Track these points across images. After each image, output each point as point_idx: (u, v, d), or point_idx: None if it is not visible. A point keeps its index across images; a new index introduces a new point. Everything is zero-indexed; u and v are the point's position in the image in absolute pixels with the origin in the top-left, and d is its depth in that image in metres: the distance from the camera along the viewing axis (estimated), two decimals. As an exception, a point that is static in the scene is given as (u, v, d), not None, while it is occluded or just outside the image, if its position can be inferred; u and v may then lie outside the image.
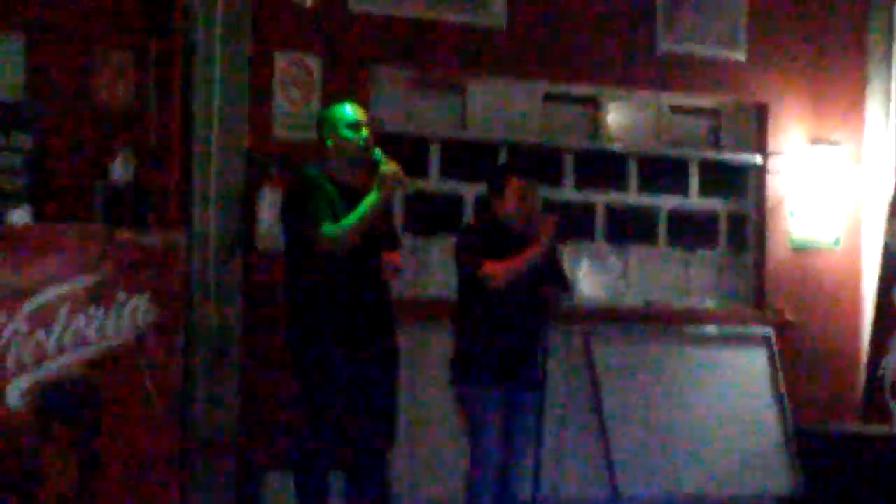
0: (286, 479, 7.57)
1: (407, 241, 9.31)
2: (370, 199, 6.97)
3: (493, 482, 7.38)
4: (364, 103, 8.43)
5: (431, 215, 9.58)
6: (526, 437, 7.50)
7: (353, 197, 7.00)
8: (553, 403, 8.03)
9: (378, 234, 7.10)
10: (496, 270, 7.27)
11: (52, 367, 7.29)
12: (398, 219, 9.25)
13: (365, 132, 7.16)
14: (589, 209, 10.09)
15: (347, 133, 7.13)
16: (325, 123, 7.22)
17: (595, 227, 10.12)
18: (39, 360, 7.26)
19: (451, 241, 8.20)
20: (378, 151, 7.15)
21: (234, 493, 8.68)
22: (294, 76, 9.02)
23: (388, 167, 7.03)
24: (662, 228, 10.32)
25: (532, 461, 7.55)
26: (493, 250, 7.34)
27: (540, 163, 9.75)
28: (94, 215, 8.18)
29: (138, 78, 8.60)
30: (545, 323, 7.55)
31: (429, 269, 9.53)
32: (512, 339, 7.39)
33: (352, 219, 6.93)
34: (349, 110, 7.22)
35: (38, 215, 8.04)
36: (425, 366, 8.98)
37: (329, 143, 7.15)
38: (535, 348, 7.51)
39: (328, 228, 6.90)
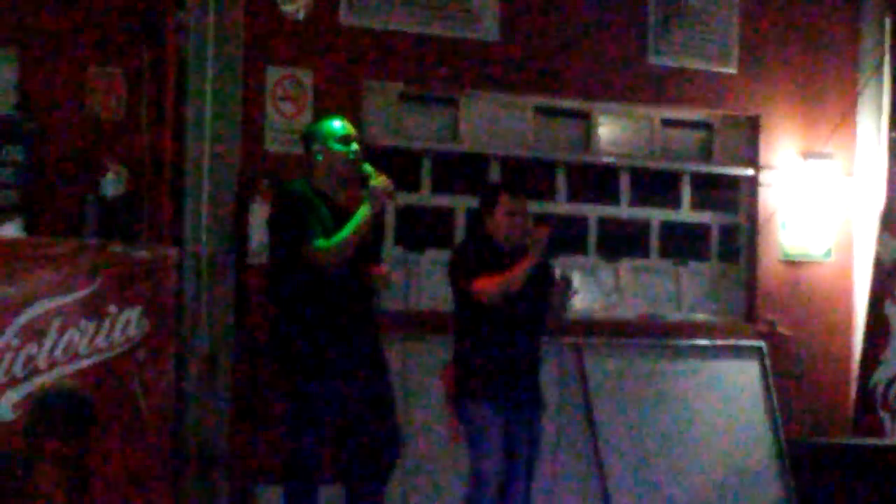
0: (277, 493, 7.55)
1: (398, 254, 9.33)
2: (362, 213, 6.96)
3: (493, 498, 7.39)
4: (356, 117, 8.48)
5: (423, 229, 9.59)
6: (525, 454, 7.51)
7: (340, 211, 6.98)
8: (545, 416, 8.02)
9: (366, 248, 7.10)
10: (489, 286, 7.29)
11: (44, 381, 7.30)
12: (389, 232, 9.28)
13: (355, 146, 7.15)
14: (581, 222, 10.11)
15: (337, 147, 7.10)
16: (314, 138, 7.18)
17: (587, 240, 10.13)
18: (31, 373, 7.29)
19: (443, 254, 8.21)
20: (368, 165, 7.15)
21: (225, 506, 8.70)
22: (286, 90, 9.04)
23: (379, 181, 7.03)
24: (654, 241, 10.34)
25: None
26: (486, 267, 7.36)
27: (532, 177, 9.77)
28: (85, 229, 8.18)
29: (130, 92, 8.62)
30: (543, 338, 7.59)
31: (420, 283, 9.53)
32: (511, 354, 7.40)
33: (345, 233, 6.92)
34: (339, 125, 7.17)
35: (30, 228, 8.06)
36: (416, 379, 8.97)
37: (318, 157, 7.11)
38: (534, 364, 7.52)
39: (321, 243, 6.88)
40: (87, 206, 8.27)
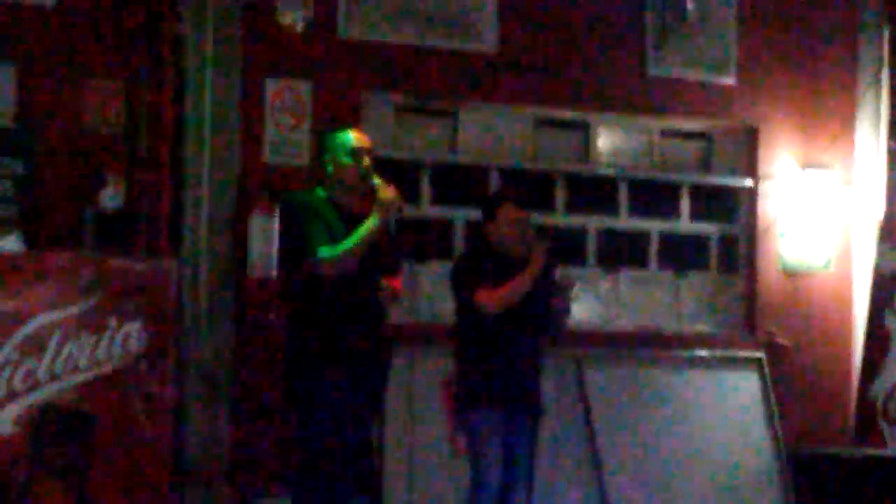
0: (278, 505, 7.55)
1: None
2: (368, 224, 6.94)
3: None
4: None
5: (423, 240, 9.59)
6: (526, 462, 7.51)
7: (352, 222, 6.96)
8: (545, 427, 8.02)
9: (378, 260, 7.08)
10: (490, 298, 7.31)
11: (44, 395, 7.29)
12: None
13: (366, 161, 7.12)
14: (580, 233, 10.11)
15: (347, 160, 7.08)
16: (326, 149, 7.18)
17: (586, 251, 10.13)
18: (31, 387, 7.26)
19: (443, 266, 8.21)
20: (377, 178, 7.13)
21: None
22: (284, 102, 9.04)
23: (387, 192, 7.01)
24: (653, 252, 10.34)
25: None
26: (488, 278, 7.37)
27: (531, 188, 9.77)
28: (84, 242, 8.18)
29: (129, 105, 8.62)
30: (544, 348, 7.60)
31: (420, 294, 9.54)
32: (512, 364, 7.40)
33: (348, 243, 6.90)
34: (351, 137, 7.13)
35: (30, 242, 8.04)
36: (418, 389, 8.98)
37: (328, 168, 7.12)
38: (535, 373, 7.53)
39: (324, 252, 6.87)
40: (85, 220, 8.26)
